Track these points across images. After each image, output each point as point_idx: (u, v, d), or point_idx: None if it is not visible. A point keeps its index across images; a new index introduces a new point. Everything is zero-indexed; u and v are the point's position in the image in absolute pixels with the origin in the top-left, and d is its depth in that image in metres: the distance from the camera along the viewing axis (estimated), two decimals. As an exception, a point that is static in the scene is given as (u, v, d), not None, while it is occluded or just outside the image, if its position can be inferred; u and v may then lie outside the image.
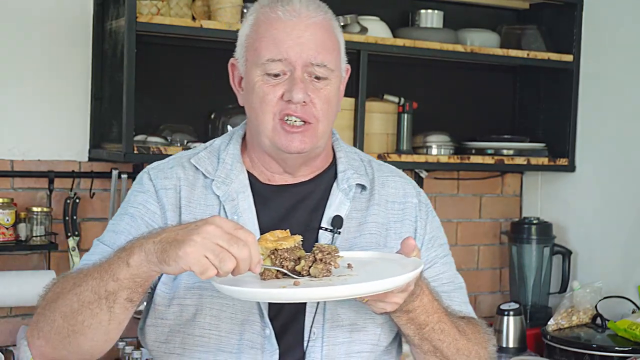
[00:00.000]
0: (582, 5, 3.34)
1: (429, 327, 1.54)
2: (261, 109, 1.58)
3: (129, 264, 1.35)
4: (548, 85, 3.48)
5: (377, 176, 1.71)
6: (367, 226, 1.64)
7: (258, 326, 1.54)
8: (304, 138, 1.57)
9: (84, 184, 2.87)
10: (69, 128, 2.86)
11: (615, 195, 3.23)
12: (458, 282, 1.73)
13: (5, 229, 2.67)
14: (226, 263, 1.26)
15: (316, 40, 1.56)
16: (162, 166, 1.67)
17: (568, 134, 3.37)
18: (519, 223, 3.43)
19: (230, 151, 1.66)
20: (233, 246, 1.26)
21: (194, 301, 1.55)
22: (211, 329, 1.55)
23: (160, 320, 1.58)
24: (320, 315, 1.56)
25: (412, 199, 1.71)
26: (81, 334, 1.43)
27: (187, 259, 1.26)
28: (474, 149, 3.31)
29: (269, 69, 1.56)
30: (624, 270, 3.18)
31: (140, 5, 2.66)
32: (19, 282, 2.64)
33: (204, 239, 1.26)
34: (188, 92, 3.02)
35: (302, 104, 1.55)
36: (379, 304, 1.45)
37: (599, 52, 3.32)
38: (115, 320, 1.41)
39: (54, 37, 2.83)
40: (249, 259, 1.28)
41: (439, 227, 1.75)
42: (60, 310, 1.44)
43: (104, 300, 1.38)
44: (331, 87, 1.60)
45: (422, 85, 3.38)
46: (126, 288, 1.37)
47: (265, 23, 1.58)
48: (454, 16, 3.35)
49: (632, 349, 2.81)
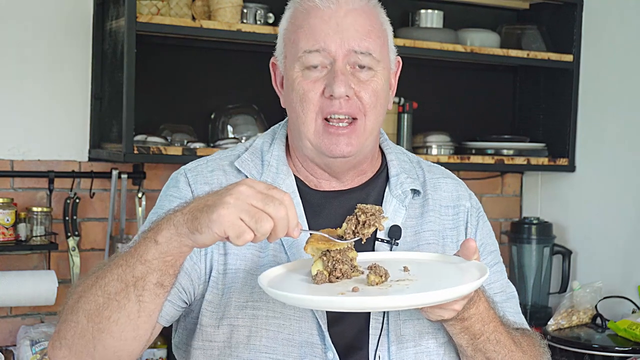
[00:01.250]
0: (582, 5, 3.34)
1: (484, 337, 1.42)
2: (302, 109, 1.45)
3: (157, 241, 1.24)
4: (548, 85, 3.48)
5: (428, 178, 1.60)
6: (423, 235, 1.53)
7: (319, 349, 1.41)
8: (350, 140, 1.45)
9: (84, 184, 2.87)
10: (69, 128, 2.86)
11: (615, 195, 3.23)
12: (510, 292, 1.62)
13: (5, 229, 2.67)
14: (263, 224, 1.16)
15: (357, 26, 1.44)
16: (200, 169, 1.54)
17: (568, 134, 3.37)
18: (519, 223, 3.43)
19: (275, 153, 1.54)
20: (269, 205, 1.17)
21: (246, 322, 1.42)
22: (268, 352, 1.41)
23: (209, 342, 1.45)
24: (384, 337, 1.44)
25: (465, 202, 1.60)
26: (108, 332, 1.30)
27: (222, 222, 1.16)
28: (474, 149, 3.31)
29: (306, 61, 1.44)
30: (624, 270, 3.18)
31: (140, 5, 2.66)
32: (19, 282, 2.63)
33: (237, 200, 1.17)
34: (188, 92, 3.02)
35: (346, 99, 1.43)
36: (437, 311, 1.33)
37: (599, 52, 3.32)
38: (144, 312, 1.30)
39: (54, 37, 2.83)
40: (286, 219, 1.18)
41: (489, 234, 1.64)
42: (84, 309, 1.32)
43: (132, 287, 1.27)
44: (378, 79, 1.47)
45: (422, 85, 3.38)
46: (156, 270, 1.26)
47: (302, 13, 1.47)
48: (454, 16, 3.35)
49: (632, 349, 2.81)
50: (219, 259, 1.47)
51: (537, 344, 1.57)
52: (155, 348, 2.84)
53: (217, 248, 1.47)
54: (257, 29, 2.80)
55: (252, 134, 2.94)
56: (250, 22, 2.84)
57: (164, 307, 1.41)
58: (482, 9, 3.50)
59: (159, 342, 2.85)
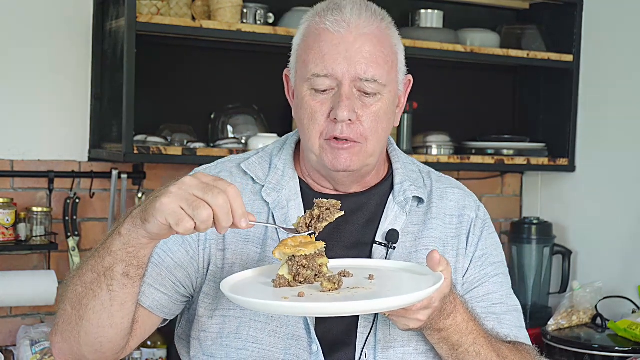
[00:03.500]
0: (582, 5, 3.34)
1: (463, 349, 1.45)
2: (309, 127, 1.50)
3: (121, 234, 1.31)
4: (548, 85, 3.48)
5: (436, 187, 1.63)
6: (423, 241, 1.56)
7: (305, 342, 1.47)
8: (352, 156, 1.49)
9: (84, 184, 2.87)
10: (69, 128, 2.86)
11: (615, 195, 3.23)
12: (512, 305, 1.62)
13: (5, 229, 2.67)
14: (200, 211, 1.20)
15: (364, 53, 1.47)
16: (208, 170, 1.61)
17: (568, 134, 3.37)
18: (519, 223, 3.43)
19: (283, 157, 1.60)
20: (207, 194, 1.21)
21: (237, 313, 1.49)
22: (255, 342, 1.48)
23: (204, 332, 1.52)
24: (372, 336, 1.48)
25: (470, 212, 1.63)
26: (87, 319, 1.38)
27: (163, 210, 1.22)
28: (474, 149, 3.31)
29: (315, 84, 1.48)
30: (624, 270, 3.18)
31: (140, 5, 2.66)
32: (19, 282, 2.64)
33: (179, 190, 1.23)
34: (188, 92, 3.02)
35: (348, 122, 1.47)
36: (402, 320, 1.37)
37: (599, 52, 3.32)
38: (116, 301, 1.36)
39: (54, 37, 2.83)
40: (227, 207, 1.22)
41: (493, 245, 1.64)
42: (69, 298, 1.40)
43: (102, 277, 1.34)
44: (382, 103, 1.50)
45: (422, 85, 3.35)
46: (120, 261, 1.32)
47: (314, 34, 1.50)
48: (454, 16, 3.35)
49: (632, 349, 2.81)
50: (217, 254, 1.53)
51: (529, 359, 1.57)
52: (155, 348, 2.85)
53: (216, 244, 1.53)
54: (257, 29, 2.80)
55: (252, 134, 2.94)
56: (250, 22, 2.84)
57: (160, 300, 1.49)
58: (482, 9, 3.50)
59: (159, 342, 2.86)
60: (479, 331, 1.47)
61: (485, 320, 1.54)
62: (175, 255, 1.51)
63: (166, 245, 1.50)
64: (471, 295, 1.57)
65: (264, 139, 2.76)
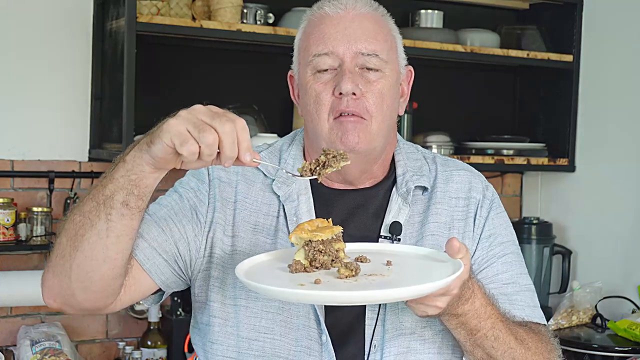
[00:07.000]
0: (582, 5, 3.35)
1: (481, 334, 1.44)
2: (315, 110, 1.52)
3: (125, 160, 1.32)
4: (548, 85, 3.48)
5: (441, 172, 1.64)
6: (427, 227, 1.56)
7: (315, 332, 1.48)
8: (359, 133, 1.49)
9: (84, 184, 2.87)
10: (69, 128, 2.86)
11: (615, 196, 3.23)
12: (524, 284, 1.60)
13: (5, 229, 2.68)
14: (206, 134, 1.21)
15: (364, 29, 1.51)
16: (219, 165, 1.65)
17: (568, 134, 3.37)
18: (519, 223, 3.43)
19: (293, 152, 1.62)
20: (215, 120, 1.23)
21: (249, 302, 1.50)
22: (267, 332, 1.49)
23: (214, 319, 1.53)
24: (380, 327, 1.49)
25: (476, 194, 1.63)
26: (81, 250, 1.37)
27: (170, 130, 1.23)
28: (474, 149, 3.32)
29: (317, 64, 1.51)
30: (624, 270, 3.18)
31: (140, 5, 2.66)
32: (19, 282, 2.64)
33: (189, 114, 1.24)
34: (188, 92, 3.02)
35: (353, 97, 1.49)
36: (420, 307, 1.36)
37: (599, 52, 3.32)
38: (113, 232, 1.34)
39: (54, 37, 2.83)
40: (233, 136, 1.23)
41: (502, 225, 1.63)
42: (66, 230, 1.39)
43: (102, 206, 1.34)
44: (385, 80, 1.52)
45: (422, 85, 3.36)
46: (122, 188, 1.32)
47: (314, 22, 1.55)
48: (454, 16, 3.35)
49: (632, 349, 2.81)
50: (224, 239, 1.54)
51: (545, 341, 1.56)
52: (155, 348, 2.85)
53: (223, 229, 1.55)
54: (257, 29, 2.81)
55: (252, 134, 2.93)
56: (250, 22, 2.85)
57: (159, 265, 1.50)
58: (482, 9, 3.50)
59: (159, 342, 2.86)
60: (497, 315, 1.46)
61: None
62: (182, 228, 1.53)
63: (176, 216, 1.53)
64: (480, 276, 1.55)
65: (264, 139, 2.75)
